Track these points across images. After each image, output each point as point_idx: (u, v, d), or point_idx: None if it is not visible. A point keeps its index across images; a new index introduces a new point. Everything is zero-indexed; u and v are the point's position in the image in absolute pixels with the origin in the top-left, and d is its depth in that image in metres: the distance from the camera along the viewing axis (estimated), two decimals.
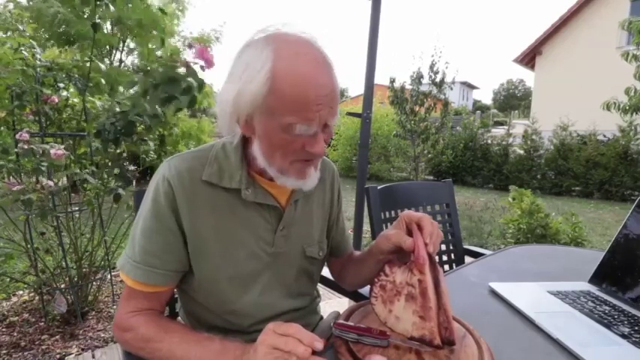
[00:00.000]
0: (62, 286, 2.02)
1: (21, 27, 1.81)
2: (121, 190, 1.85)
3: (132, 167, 1.94)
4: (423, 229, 0.64)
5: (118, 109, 1.75)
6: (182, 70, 1.55)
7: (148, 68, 1.58)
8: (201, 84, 1.58)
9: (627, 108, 4.45)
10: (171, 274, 0.67)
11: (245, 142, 0.69)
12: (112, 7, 1.74)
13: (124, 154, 1.91)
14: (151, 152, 2.02)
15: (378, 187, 1.32)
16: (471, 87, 42.56)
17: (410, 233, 0.66)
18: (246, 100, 0.57)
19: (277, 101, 0.56)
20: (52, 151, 1.61)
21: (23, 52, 1.78)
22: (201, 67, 1.51)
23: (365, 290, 0.99)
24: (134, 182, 1.91)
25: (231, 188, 0.68)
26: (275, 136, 0.59)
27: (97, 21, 1.69)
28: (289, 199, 0.74)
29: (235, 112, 0.60)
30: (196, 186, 0.66)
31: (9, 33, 1.97)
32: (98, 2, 1.69)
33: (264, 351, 0.52)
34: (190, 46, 1.48)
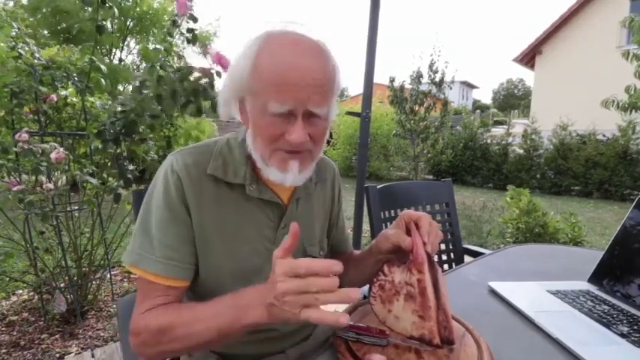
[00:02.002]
0: (62, 285, 2.02)
1: (15, 25, 1.81)
2: (121, 190, 1.85)
3: (131, 167, 1.94)
4: (421, 228, 0.64)
5: (119, 108, 1.75)
6: (196, 74, 1.60)
7: (161, 73, 1.61)
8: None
9: (626, 106, 4.45)
10: (189, 268, 0.66)
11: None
12: (116, 11, 1.74)
13: (124, 154, 1.91)
14: (151, 152, 2.01)
15: (378, 187, 1.32)
16: (471, 86, 42.56)
17: (409, 232, 0.66)
18: (236, 83, 0.62)
19: (258, 81, 0.59)
20: (53, 155, 1.59)
21: (20, 50, 1.77)
22: (217, 73, 1.54)
23: (364, 289, 0.99)
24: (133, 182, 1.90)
25: (235, 183, 0.68)
26: (258, 119, 0.61)
27: (102, 23, 1.68)
28: (291, 196, 0.74)
29: (231, 97, 0.64)
30: (202, 179, 0.67)
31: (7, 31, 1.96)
32: (101, 4, 1.68)
33: (293, 300, 0.49)
34: (205, 53, 1.51)
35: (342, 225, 0.91)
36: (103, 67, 1.87)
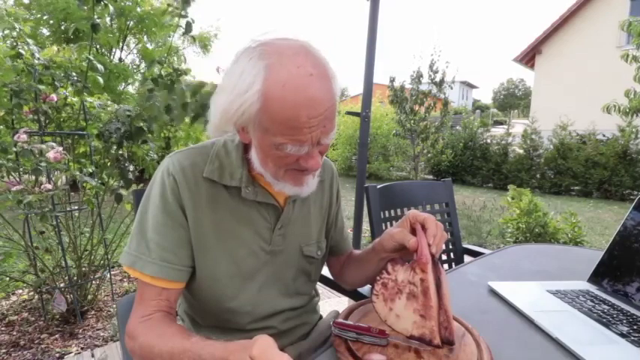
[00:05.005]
0: (62, 285, 2.02)
1: (17, 25, 1.81)
2: (122, 191, 1.86)
3: (131, 167, 1.95)
4: (427, 229, 0.64)
5: (127, 113, 1.77)
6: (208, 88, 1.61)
7: (174, 85, 1.63)
8: None
9: (627, 110, 4.44)
10: (185, 270, 0.67)
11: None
12: (111, 8, 1.75)
13: (125, 155, 1.92)
14: (151, 152, 2.02)
15: (378, 187, 1.32)
16: (471, 86, 42.54)
17: (414, 232, 0.66)
18: (239, 112, 0.56)
19: (268, 121, 0.55)
20: (51, 154, 1.59)
21: (20, 50, 1.77)
22: None
23: (364, 289, 0.99)
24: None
25: (232, 186, 0.68)
26: (268, 150, 0.60)
27: (97, 21, 1.69)
28: (287, 198, 0.74)
29: (230, 120, 0.59)
30: (198, 182, 0.67)
31: (7, 32, 1.97)
32: (96, 2, 1.69)
33: None
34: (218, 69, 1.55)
35: (340, 226, 0.91)
36: (100, 66, 1.87)
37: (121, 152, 1.88)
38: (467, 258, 1.37)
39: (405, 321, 0.60)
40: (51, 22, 5.70)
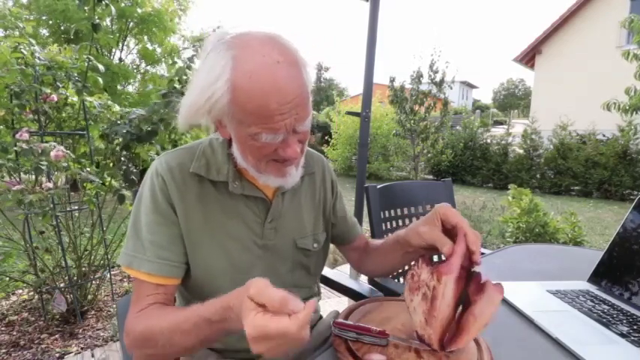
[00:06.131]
0: (62, 285, 2.02)
1: (21, 24, 1.81)
2: (125, 191, 1.87)
3: (133, 169, 1.95)
4: (468, 236, 0.59)
5: (138, 114, 1.79)
6: None
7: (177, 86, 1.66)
8: None
9: (627, 108, 4.45)
10: (180, 266, 0.68)
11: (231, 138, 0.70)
12: (113, 9, 1.77)
13: (128, 156, 1.93)
14: (151, 152, 2.02)
15: (378, 187, 1.32)
16: (471, 86, 42.53)
17: (445, 231, 0.63)
18: (210, 102, 0.56)
19: (240, 112, 0.56)
20: (53, 153, 1.61)
21: (22, 50, 1.77)
22: None
23: (364, 290, 0.99)
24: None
25: (219, 181, 0.69)
26: (245, 141, 0.60)
27: (97, 22, 1.70)
28: (276, 191, 0.75)
29: (199, 111, 0.58)
30: (186, 179, 0.68)
31: (8, 31, 1.97)
32: (97, 1, 1.70)
33: (255, 336, 0.44)
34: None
35: (342, 215, 0.90)
36: (100, 66, 1.88)
37: (125, 153, 1.90)
38: None
39: (416, 316, 0.61)
40: (50, 22, 5.70)
